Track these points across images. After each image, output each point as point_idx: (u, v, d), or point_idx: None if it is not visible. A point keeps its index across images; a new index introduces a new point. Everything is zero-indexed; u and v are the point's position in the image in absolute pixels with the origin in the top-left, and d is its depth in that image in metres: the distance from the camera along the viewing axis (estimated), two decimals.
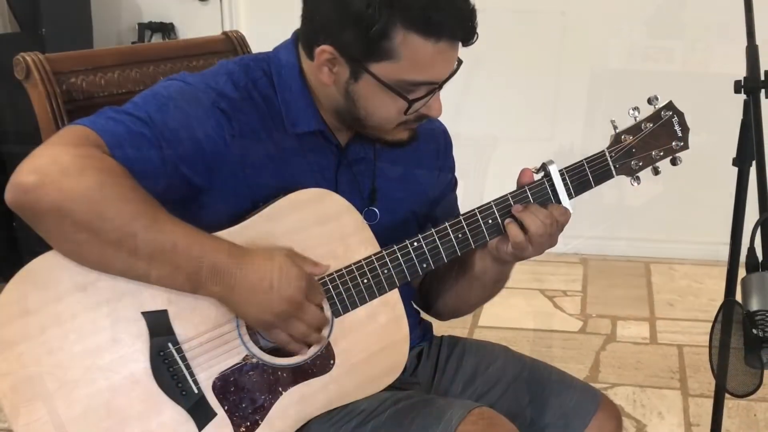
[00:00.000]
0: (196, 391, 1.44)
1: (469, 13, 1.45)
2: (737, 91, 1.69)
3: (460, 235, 1.55)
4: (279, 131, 1.53)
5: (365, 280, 1.51)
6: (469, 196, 1.74)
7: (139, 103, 1.43)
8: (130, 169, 1.35)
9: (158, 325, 1.41)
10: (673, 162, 1.62)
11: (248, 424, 1.46)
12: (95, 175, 1.31)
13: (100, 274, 1.38)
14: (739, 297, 1.61)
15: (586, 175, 1.57)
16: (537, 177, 1.57)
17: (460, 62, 1.49)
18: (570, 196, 1.57)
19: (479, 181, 2.22)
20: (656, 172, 1.62)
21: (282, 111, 1.53)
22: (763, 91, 1.67)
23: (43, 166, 1.31)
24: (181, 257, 1.36)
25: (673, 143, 1.60)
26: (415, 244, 1.53)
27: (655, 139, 1.59)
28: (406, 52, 1.42)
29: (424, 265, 1.54)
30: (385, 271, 1.52)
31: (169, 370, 1.42)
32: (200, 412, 1.44)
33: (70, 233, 1.33)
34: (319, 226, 1.50)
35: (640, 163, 1.60)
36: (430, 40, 1.42)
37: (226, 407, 1.45)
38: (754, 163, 1.69)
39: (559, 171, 1.57)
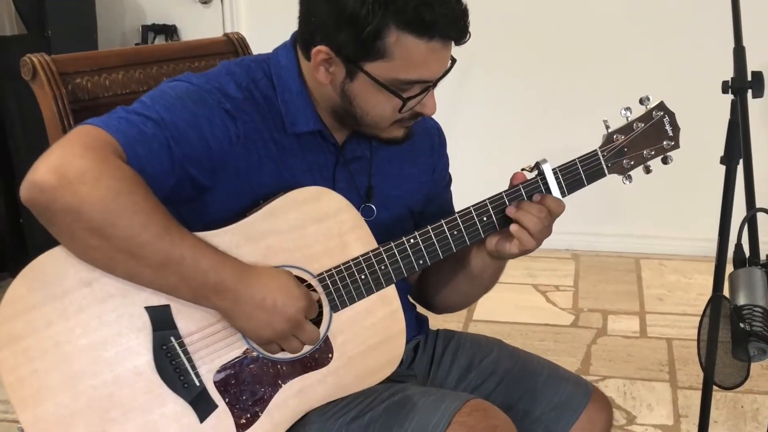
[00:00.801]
0: (197, 383, 1.43)
1: (461, 13, 1.44)
2: (725, 91, 1.69)
3: (455, 233, 1.54)
4: (279, 131, 1.53)
5: (363, 276, 1.50)
6: (464, 194, 1.73)
7: (148, 103, 1.42)
8: (141, 170, 1.35)
9: (161, 320, 1.41)
10: (665, 161, 1.61)
11: (248, 415, 1.46)
12: (111, 183, 1.30)
13: None
14: (726, 292, 1.61)
15: (578, 174, 1.57)
16: (530, 175, 1.57)
17: (453, 61, 1.49)
18: (563, 194, 1.57)
19: (474, 179, 2.21)
20: (648, 170, 1.61)
21: (282, 111, 1.53)
22: (749, 91, 1.67)
23: (60, 167, 1.29)
24: (189, 270, 1.36)
25: (664, 142, 1.60)
26: (412, 240, 1.53)
27: (646, 138, 1.59)
28: (399, 51, 1.42)
29: (421, 262, 1.54)
30: (383, 268, 1.51)
31: (171, 363, 1.42)
32: (202, 404, 1.43)
33: (81, 236, 1.32)
34: (317, 223, 1.49)
35: (632, 162, 1.59)
36: (422, 40, 1.41)
37: (226, 399, 1.45)
38: (741, 161, 1.70)
39: (553, 169, 1.56)
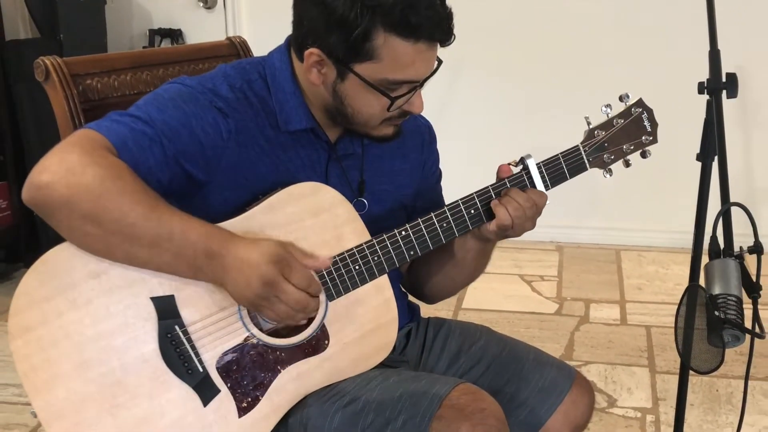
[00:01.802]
0: (201, 369, 1.43)
1: (446, 16, 1.44)
2: (700, 91, 1.69)
3: (444, 225, 1.54)
4: (273, 129, 1.53)
5: (357, 267, 1.50)
6: (452, 191, 1.72)
7: (141, 105, 1.44)
8: (135, 167, 1.35)
9: (166, 309, 1.41)
10: (643, 155, 1.61)
11: (249, 399, 1.46)
12: (97, 171, 1.31)
13: (111, 262, 1.38)
14: (702, 282, 1.61)
15: (561, 168, 1.57)
16: (516, 170, 1.57)
17: (440, 62, 1.49)
18: (546, 188, 1.57)
19: (461, 177, 2.20)
20: (627, 164, 1.61)
21: (276, 110, 1.53)
22: (724, 91, 1.67)
23: (52, 165, 1.32)
24: (179, 243, 1.35)
25: (643, 137, 1.60)
26: (403, 233, 1.52)
27: (625, 133, 1.59)
28: (387, 52, 1.42)
29: (412, 252, 1.53)
30: (376, 258, 1.51)
31: (176, 350, 1.41)
32: (205, 389, 1.43)
33: (77, 225, 1.33)
34: (314, 216, 1.49)
35: (612, 157, 1.59)
36: (409, 41, 1.41)
37: (228, 384, 1.45)
38: (716, 158, 1.70)
39: (537, 164, 1.56)
